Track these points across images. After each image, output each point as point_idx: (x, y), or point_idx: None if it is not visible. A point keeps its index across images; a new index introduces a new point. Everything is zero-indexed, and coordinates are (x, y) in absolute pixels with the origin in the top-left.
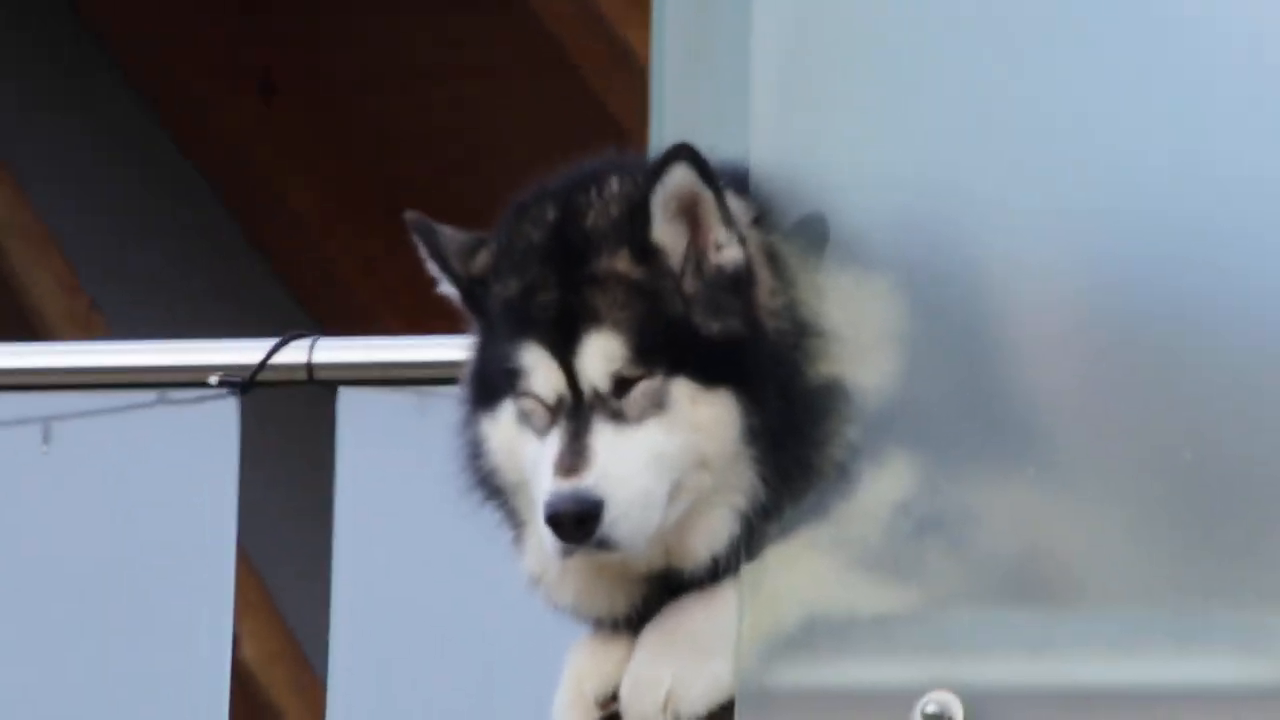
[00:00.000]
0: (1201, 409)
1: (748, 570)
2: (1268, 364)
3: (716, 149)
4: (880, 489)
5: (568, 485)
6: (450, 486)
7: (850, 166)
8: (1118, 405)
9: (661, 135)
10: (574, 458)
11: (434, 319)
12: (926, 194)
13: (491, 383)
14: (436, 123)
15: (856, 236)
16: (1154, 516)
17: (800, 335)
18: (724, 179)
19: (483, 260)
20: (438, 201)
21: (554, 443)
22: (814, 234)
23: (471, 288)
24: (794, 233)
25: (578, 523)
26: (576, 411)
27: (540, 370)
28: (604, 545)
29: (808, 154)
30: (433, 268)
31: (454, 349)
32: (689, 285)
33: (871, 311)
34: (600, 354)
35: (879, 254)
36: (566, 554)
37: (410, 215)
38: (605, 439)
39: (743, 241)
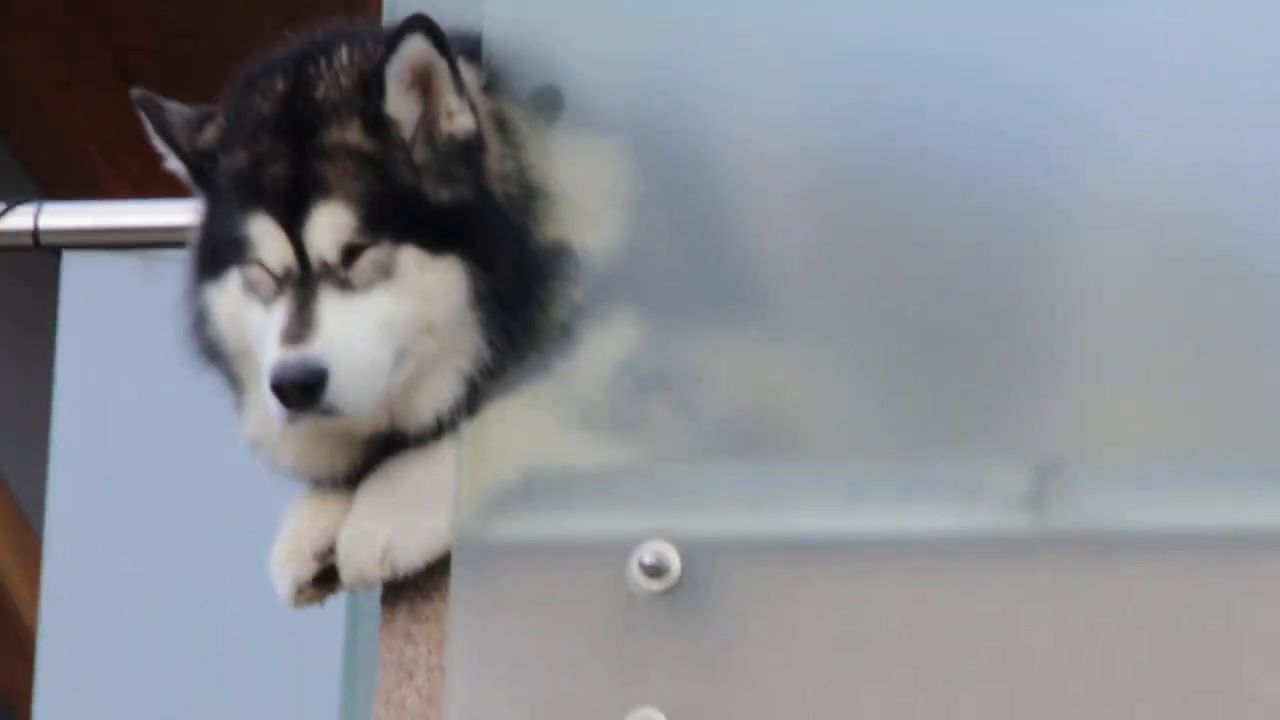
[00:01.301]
0: (923, 263)
1: (466, 427)
2: (987, 218)
3: (448, 16)
4: (603, 347)
5: (293, 354)
6: (174, 351)
7: (582, 32)
8: (840, 261)
9: (395, 4)
10: (300, 326)
11: (161, 185)
12: (658, 57)
13: (218, 252)
14: None
15: (588, 102)
16: (875, 371)
17: (528, 199)
18: (457, 46)
19: (210, 134)
20: (167, 68)
21: (280, 312)
22: (546, 101)
23: (199, 162)
24: (526, 99)
25: (303, 390)
26: (304, 281)
27: (268, 240)
28: (329, 412)
29: (539, 19)
30: (159, 144)
31: (179, 214)
32: (420, 154)
33: (599, 173)
34: (328, 224)
35: (610, 119)
36: (291, 421)
37: (136, 92)
38: (332, 308)
39: (474, 109)
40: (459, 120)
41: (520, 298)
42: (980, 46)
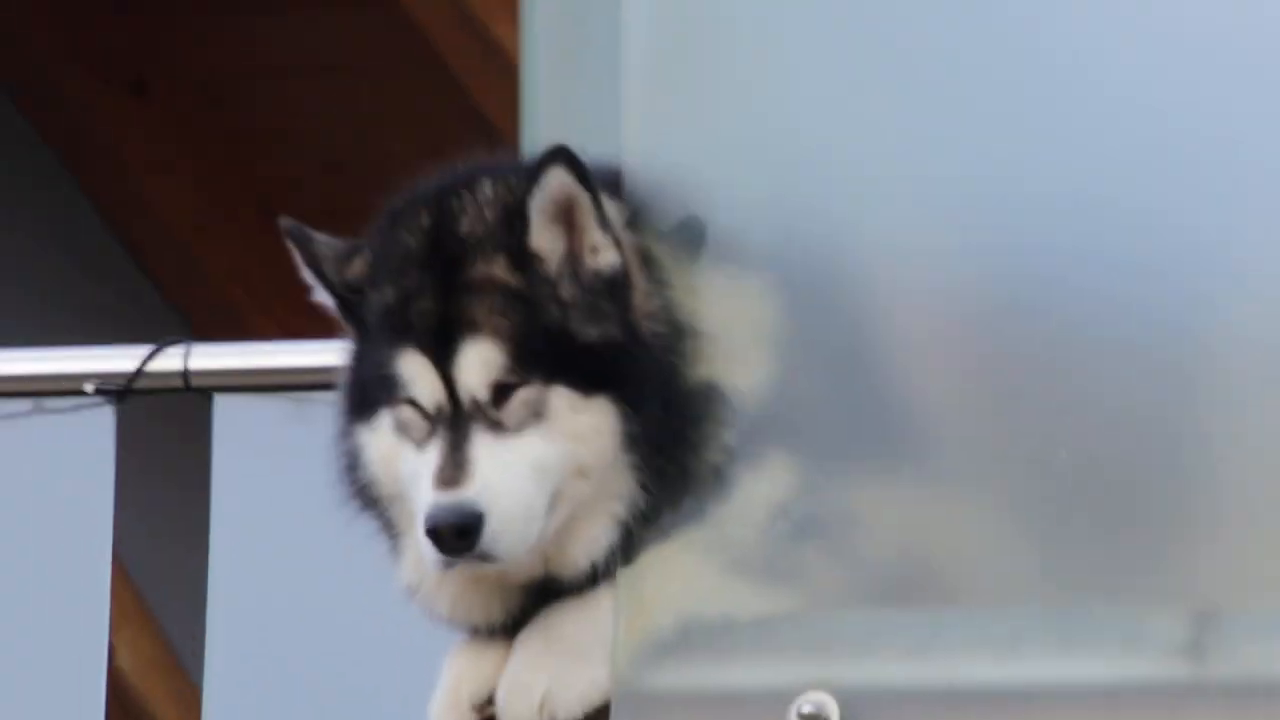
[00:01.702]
0: (1080, 408)
1: (623, 574)
2: (1145, 363)
3: (588, 150)
4: (757, 491)
5: (448, 497)
6: (327, 495)
7: (724, 165)
8: (996, 405)
9: (533, 135)
10: (454, 469)
11: (307, 324)
12: (802, 193)
13: (369, 392)
14: (307, 123)
15: (732, 237)
16: (1032, 517)
17: (676, 338)
18: (599, 181)
19: (358, 267)
20: (309, 203)
21: (433, 453)
22: (690, 236)
23: (347, 295)
24: (670, 235)
25: (458, 535)
26: (455, 422)
27: (419, 378)
28: (485, 558)
29: (681, 154)
30: (308, 275)
31: (329, 354)
32: (566, 291)
33: (747, 312)
34: (479, 362)
35: (755, 254)
36: (447, 566)
37: (285, 222)
38: (485, 449)
39: (618, 244)
40: (604, 255)
41: (672, 440)
42: (1124, 177)
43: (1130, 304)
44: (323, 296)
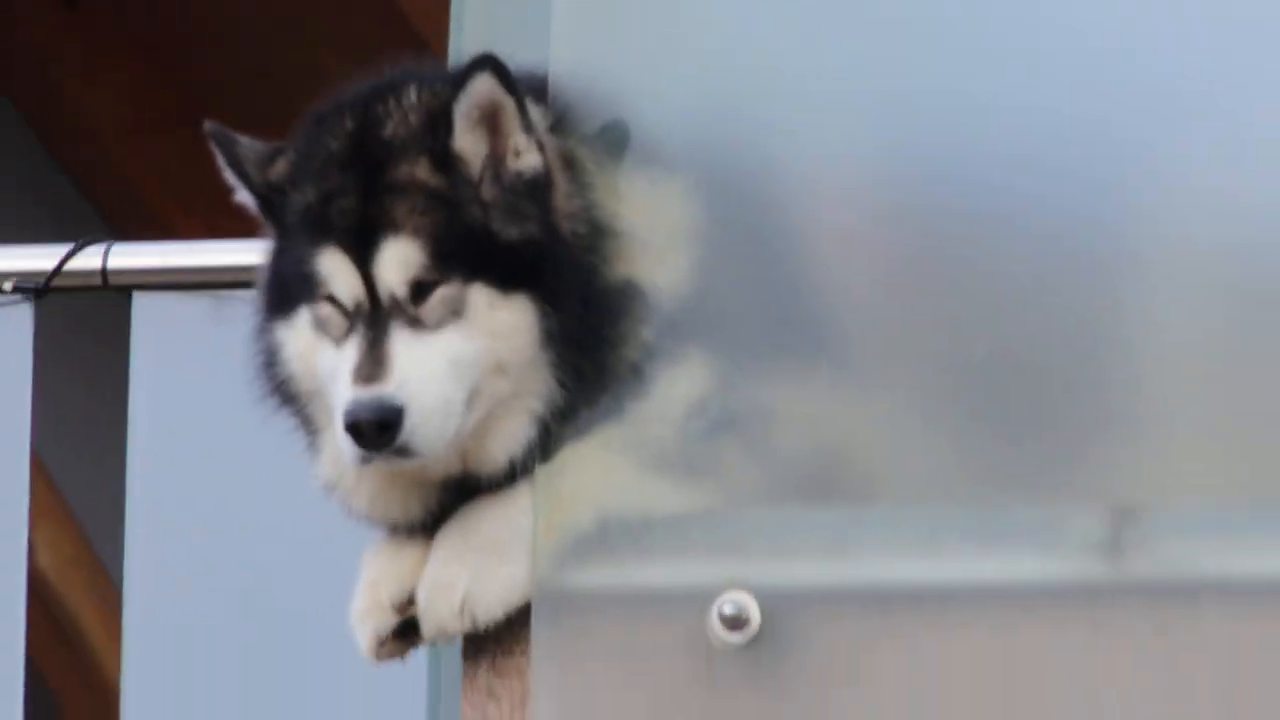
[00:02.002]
0: (996, 306)
1: (541, 471)
2: (1060, 259)
3: (516, 57)
4: (675, 389)
5: (367, 393)
6: (245, 392)
7: (649, 72)
8: (913, 303)
9: (461, 45)
10: (373, 365)
11: (230, 226)
12: (724, 97)
13: (288, 289)
14: (235, 30)
15: (655, 140)
16: (950, 415)
17: (596, 238)
18: (523, 86)
19: (281, 168)
20: (235, 109)
21: (352, 350)
22: (614, 139)
23: (269, 195)
24: (594, 138)
25: (378, 430)
26: (374, 319)
27: (339, 275)
28: (403, 453)
29: (607, 59)
30: (230, 176)
31: (250, 253)
32: (488, 192)
33: (667, 213)
34: (399, 260)
35: (677, 157)
36: (365, 461)
37: (209, 125)
38: (404, 346)
39: (541, 148)
40: (526, 158)
41: (590, 337)
42: (1050, 83)
43: (1049, 201)
44: (245, 197)
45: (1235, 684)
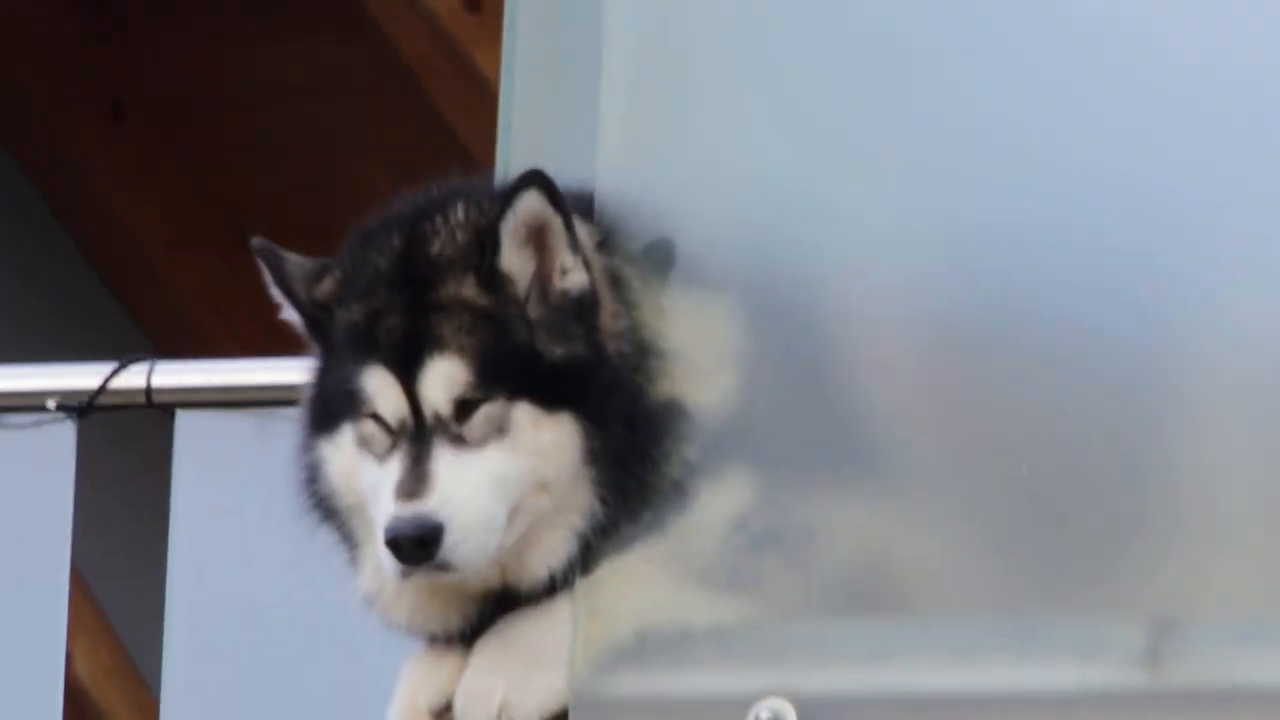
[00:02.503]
0: (1036, 422)
1: (581, 584)
2: (1100, 375)
3: (563, 174)
4: (716, 505)
5: (408, 509)
6: (287, 508)
7: (695, 190)
8: (954, 418)
9: (509, 161)
10: (415, 482)
11: (273, 346)
12: (768, 216)
13: (332, 406)
14: (279, 145)
15: (700, 259)
16: (990, 528)
17: (641, 357)
18: (570, 204)
19: (327, 286)
20: (280, 226)
21: (395, 466)
22: (659, 258)
23: (315, 313)
24: (639, 257)
25: (418, 546)
26: (418, 436)
27: (383, 393)
28: (444, 568)
29: (653, 179)
30: (277, 293)
31: (292, 372)
32: (534, 311)
33: (711, 332)
34: (442, 378)
35: (721, 276)
36: (405, 575)
37: (256, 241)
38: (446, 463)
39: (588, 266)
40: (573, 277)
41: (634, 455)
42: (1091, 212)
43: (1089, 316)
44: (290, 314)
45: None
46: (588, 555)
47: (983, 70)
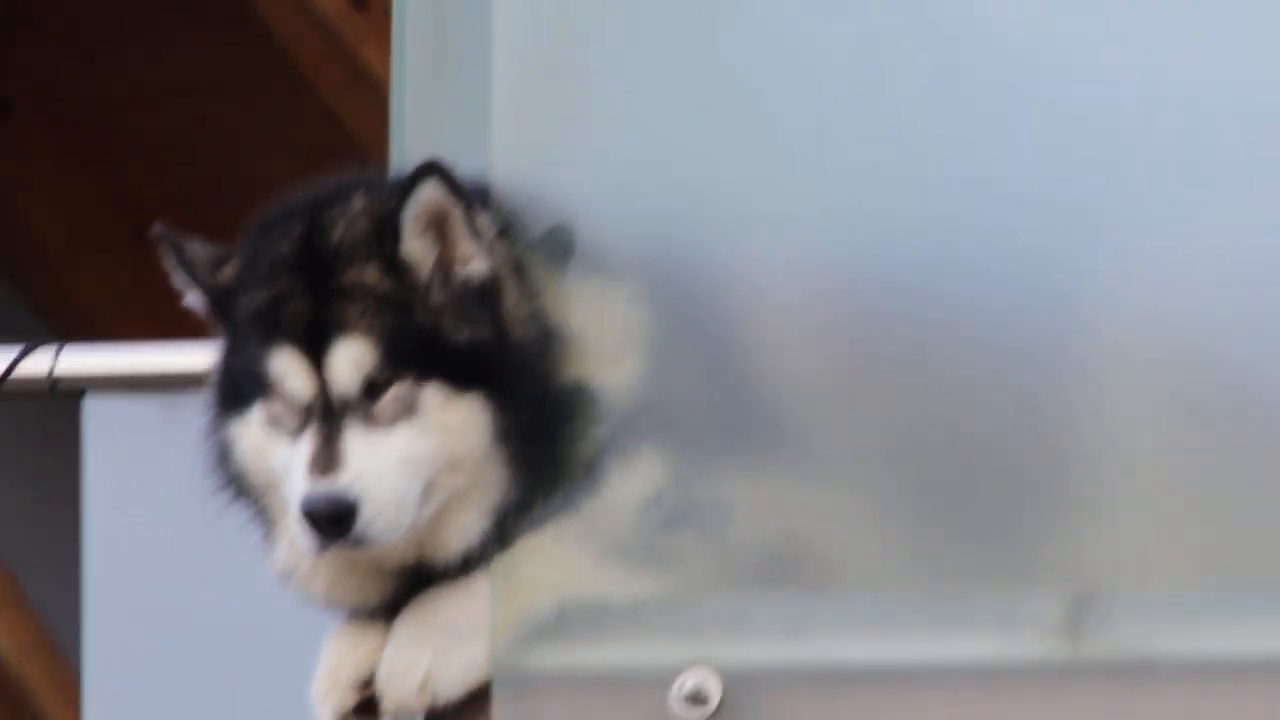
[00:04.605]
0: (950, 394)
1: (498, 560)
2: (1013, 349)
3: (459, 164)
4: (629, 484)
5: (322, 485)
6: (198, 487)
7: (592, 176)
8: (866, 393)
9: (403, 152)
10: (327, 459)
11: (175, 335)
12: (668, 198)
13: (240, 387)
14: (175, 142)
15: (600, 244)
16: (907, 502)
17: (546, 342)
18: (470, 194)
19: (229, 272)
20: (178, 220)
21: (307, 444)
22: (559, 244)
23: (219, 297)
24: (540, 244)
25: (332, 521)
26: (328, 416)
27: (292, 375)
28: (359, 543)
29: (550, 166)
30: (180, 278)
31: (197, 354)
32: (437, 296)
33: (614, 315)
34: (350, 360)
35: (622, 259)
36: (321, 550)
37: (158, 228)
38: (357, 442)
39: (489, 254)
40: (475, 265)
41: (544, 435)
42: (994, 192)
43: (1000, 288)
44: (195, 299)
45: None
46: (503, 532)
47: (880, 52)
